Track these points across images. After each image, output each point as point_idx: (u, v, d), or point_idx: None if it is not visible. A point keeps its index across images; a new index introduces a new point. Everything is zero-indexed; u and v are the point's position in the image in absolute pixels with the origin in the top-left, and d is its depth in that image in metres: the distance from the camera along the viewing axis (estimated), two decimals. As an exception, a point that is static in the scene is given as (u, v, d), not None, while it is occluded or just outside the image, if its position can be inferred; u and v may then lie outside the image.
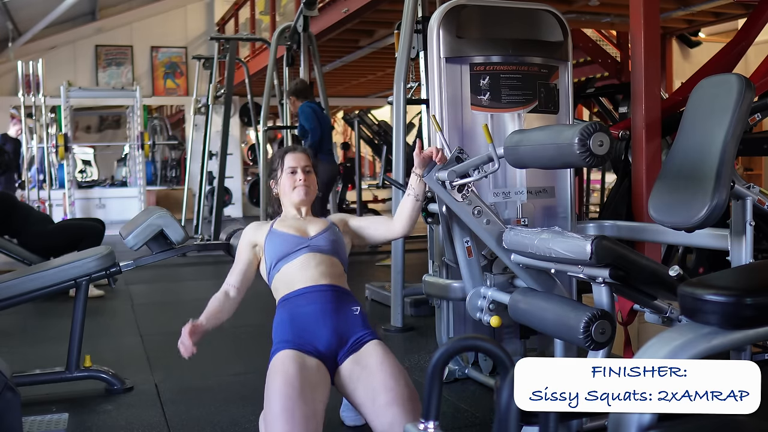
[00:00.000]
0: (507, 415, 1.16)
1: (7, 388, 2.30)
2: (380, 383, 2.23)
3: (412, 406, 2.19)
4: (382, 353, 2.32)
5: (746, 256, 2.54)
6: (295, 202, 2.63)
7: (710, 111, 2.41)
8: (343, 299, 2.44)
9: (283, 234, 2.54)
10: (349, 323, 2.39)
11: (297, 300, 2.42)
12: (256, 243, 2.58)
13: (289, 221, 2.62)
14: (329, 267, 2.49)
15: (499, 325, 2.69)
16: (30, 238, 5.45)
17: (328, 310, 2.38)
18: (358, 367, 2.30)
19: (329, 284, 2.44)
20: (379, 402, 2.20)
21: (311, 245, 2.51)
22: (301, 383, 2.18)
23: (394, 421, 2.15)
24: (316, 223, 2.62)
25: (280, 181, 2.66)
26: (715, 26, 8.42)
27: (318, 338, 2.34)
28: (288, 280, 2.47)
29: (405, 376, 2.28)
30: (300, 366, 2.24)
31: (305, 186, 2.62)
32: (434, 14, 3.04)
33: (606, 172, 6.93)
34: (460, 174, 2.50)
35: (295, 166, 2.62)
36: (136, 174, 12.19)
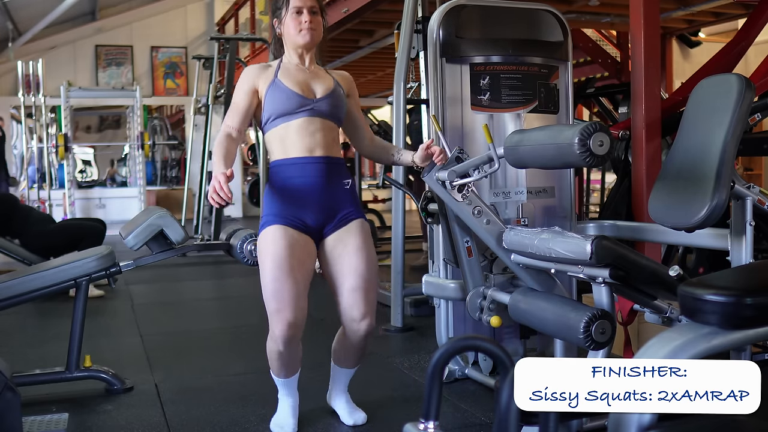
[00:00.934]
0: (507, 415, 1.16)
1: (7, 388, 2.30)
2: (353, 267, 2.49)
3: (372, 294, 2.54)
4: (363, 237, 2.53)
5: (746, 256, 2.54)
6: (299, 45, 2.51)
7: (710, 111, 2.41)
8: (335, 171, 2.50)
9: (288, 90, 2.46)
10: (339, 197, 2.50)
11: (289, 169, 2.46)
12: (257, 88, 2.50)
13: (293, 72, 2.51)
14: (326, 133, 2.49)
15: (499, 325, 2.69)
16: (30, 238, 5.45)
17: (320, 184, 2.46)
18: (340, 245, 2.51)
19: (323, 156, 2.47)
20: (347, 284, 2.50)
21: (314, 108, 2.47)
22: (290, 263, 2.39)
23: (354, 303, 2.50)
24: (321, 81, 2.53)
25: (284, 21, 2.51)
26: (715, 26, 8.41)
27: (307, 213, 2.46)
28: (282, 140, 2.47)
29: (375, 264, 2.56)
30: (288, 243, 2.41)
31: (311, 29, 2.48)
32: (434, 14, 3.04)
33: (606, 172, 6.93)
34: (460, 174, 2.50)
35: (301, 6, 2.48)
36: (136, 174, 12.18)
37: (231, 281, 6.30)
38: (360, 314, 2.51)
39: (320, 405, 2.84)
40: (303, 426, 2.66)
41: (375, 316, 2.57)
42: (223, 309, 5.24)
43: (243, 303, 5.14)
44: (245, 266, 3.14)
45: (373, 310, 2.55)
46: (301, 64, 2.55)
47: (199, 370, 3.51)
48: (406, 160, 2.63)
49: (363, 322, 2.52)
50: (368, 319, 2.53)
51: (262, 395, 3.01)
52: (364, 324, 2.53)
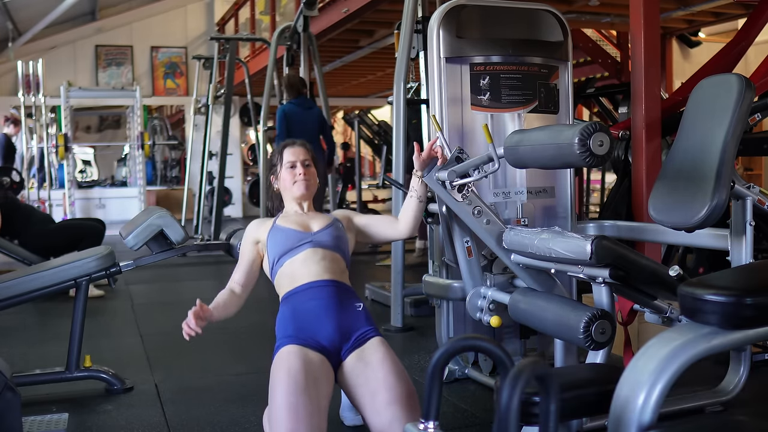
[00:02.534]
0: (507, 415, 1.16)
1: (7, 388, 2.30)
2: (381, 381, 2.22)
3: (411, 405, 2.18)
4: (384, 351, 2.31)
5: (746, 256, 2.55)
6: (295, 197, 2.62)
7: (710, 111, 2.41)
8: (345, 295, 2.43)
9: (286, 229, 2.53)
10: (353, 319, 2.39)
11: (300, 296, 2.41)
12: (259, 239, 2.58)
13: (291, 217, 2.61)
14: (332, 263, 2.48)
15: (499, 325, 2.69)
16: (31, 238, 5.45)
17: (332, 305, 2.37)
18: (360, 363, 2.29)
19: (332, 279, 2.43)
20: (379, 400, 2.19)
21: (314, 240, 2.51)
22: (305, 378, 2.17)
23: (393, 419, 2.14)
24: (319, 219, 2.61)
25: (280, 175, 2.64)
26: (715, 26, 8.42)
27: (321, 333, 2.33)
28: (291, 275, 2.46)
29: (405, 375, 2.28)
30: (304, 361, 2.23)
31: (305, 180, 2.60)
32: (434, 14, 3.04)
33: (606, 172, 6.94)
34: (460, 174, 2.50)
35: (294, 160, 2.61)
36: (136, 174, 12.18)
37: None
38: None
39: (320, 405, 2.84)
40: (303, 426, 2.65)
41: None
42: (223, 309, 5.23)
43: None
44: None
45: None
46: (300, 210, 2.64)
47: (199, 370, 3.51)
48: (415, 185, 2.59)
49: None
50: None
51: (262, 395, 3.00)
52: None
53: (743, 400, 2.73)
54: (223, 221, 8.64)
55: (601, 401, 1.60)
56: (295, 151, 2.63)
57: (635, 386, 1.45)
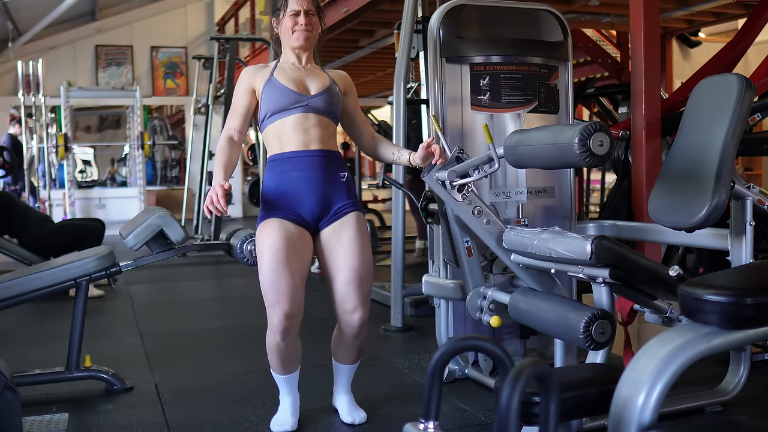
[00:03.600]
0: (507, 415, 1.16)
1: (7, 388, 2.30)
2: (347, 260, 2.51)
3: (366, 286, 2.55)
4: (357, 229, 2.54)
5: (746, 256, 2.55)
6: (294, 47, 2.57)
7: (710, 111, 2.41)
8: (331, 164, 2.52)
9: (282, 87, 2.51)
10: (335, 190, 2.53)
11: (286, 163, 2.50)
12: (255, 87, 2.56)
13: (288, 70, 2.56)
14: (322, 129, 2.52)
15: (499, 325, 2.69)
16: (30, 239, 5.44)
17: (316, 177, 2.49)
18: (334, 237, 2.53)
19: (319, 149, 2.50)
20: (341, 277, 2.52)
21: (309, 104, 2.51)
22: (287, 254, 2.43)
23: (347, 296, 2.52)
24: (317, 78, 2.57)
25: (281, 21, 2.56)
26: (715, 26, 8.41)
27: (303, 206, 2.50)
28: (279, 136, 2.51)
29: (369, 257, 2.56)
30: (285, 236, 2.45)
31: (306, 30, 2.53)
32: (434, 14, 3.04)
33: (606, 172, 6.94)
34: (460, 174, 2.50)
35: (298, 8, 2.52)
36: (136, 174, 12.18)
37: (231, 281, 6.29)
38: (353, 306, 2.53)
39: (321, 404, 2.84)
40: (303, 425, 2.66)
41: (368, 308, 2.59)
42: (223, 309, 5.23)
43: (243, 303, 5.14)
44: (245, 266, 3.14)
45: (366, 302, 2.57)
46: (298, 63, 2.60)
47: (199, 370, 3.51)
48: (403, 159, 2.63)
49: (356, 313, 2.54)
50: (361, 311, 2.55)
51: (262, 395, 3.01)
52: (357, 315, 2.55)
53: (743, 400, 2.73)
54: (223, 221, 8.63)
55: (601, 401, 1.60)
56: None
57: (635, 386, 1.45)
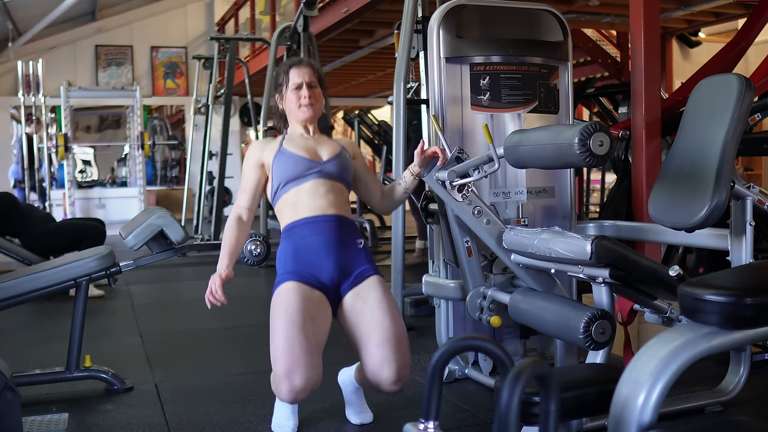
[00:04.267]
0: (507, 415, 1.16)
1: (7, 388, 2.30)
2: (376, 322, 2.34)
3: (402, 347, 2.34)
4: (382, 291, 2.42)
5: (746, 256, 2.55)
6: (300, 120, 2.58)
7: (710, 111, 2.41)
8: (347, 231, 2.47)
9: (294, 156, 2.50)
10: (353, 256, 2.45)
11: (302, 229, 2.44)
12: (264, 162, 2.54)
13: (297, 140, 2.57)
14: (337, 195, 2.49)
15: (499, 325, 2.69)
16: (31, 238, 5.44)
17: (333, 241, 2.42)
18: (359, 302, 2.39)
19: (335, 214, 2.46)
20: (373, 340, 2.33)
21: (322, 170, 2.49)
22: (303, 318, 2.28)
23: (383, 359, 2.30)
24: (326, 145, 2.58)
25: (285, 96, 2.59)
26: (715, 26, 8.42)
27: (321, 270, 2.40)
28: (294, 204, 2.47)
29: (399, 318, 2.40)
30: (302, 298, 2.32)
31: (310, 104, 2.55)
32: (434, 14, 3.04)
33: (606, 172, 6.94)
34: (460, 174, 2.50)
35: (300, 81, 2.55)
36: (136, 174, 12.18)
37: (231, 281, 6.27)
38: (391, 373, 2.30)
39: (320, 405, 2.84)
40: (304, 426, 2.65)
41: (409, 369, 2.37)
42: (223, 309, 5.20)
43: (243, 303, 5.13)
44: (245, 266, 3.14)
45: (406, 367, 2.34)
46: (306, 134, 2.61)
47: (199, 370, 3.51)
48: (409, 179, 2.61)
49: (394, 383, 2.32)
50: (400, 378, 2.32)
51: (262, 395, 3.01)
52: (396, 386, 2.32)
53: (743, 400, 2.73)
54: (223, 221, 8.62)
55: (601, 401, 1.60)
56: (301, 72, 2.57)
57: (635, 386, 1.45)
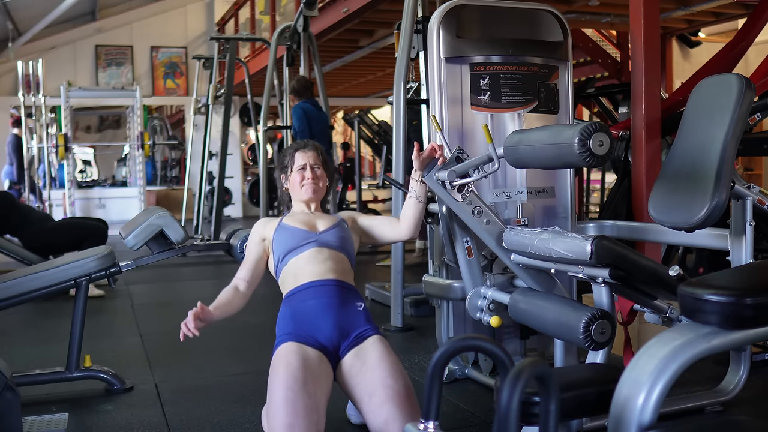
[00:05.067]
0: (507, 415, 1.16)
1: (7, 388, 2.30)
2: (378, 380, 2.24)
3: (409, 405, 2.18)
4: (382, 349, 2.33)
5: (746, 256, 2.55)
6: (303, 199, 2.67)
7: (710, 111, 2.41)
8: (347, 295, 2.45)
9: (292, 228, 2.56)
10: (352, 318, 2.41)
11: (302, 294, 2.43)
12: (265, 237, 2.61)
13: (298, 216, 2.64)
14: (336, 263, 2.50)
15: (499, 325, 2.69)
16: (31, 237, 5.44)
17: (332, 304, 2.39)
18: (358, 362, 2.31)
19: (335, 279, 2.45)
20: (376, 399, 2.20)
21: (319, 240, 2.53)
22: (304, 375, 2.20)
23: (388, 418, 2.15)
24: (325, 219, 2.64)
25: (290, 177, 2.68)
26: (715, 26, 8.42)
27: (320, 331, 2.36)
28: (295, 273, 2.48)
29: (404, 374, 2.29)
30: (302, 358, 2.26)
31: (314, 184, 2.64)
32: (434, 14, 3.04)
33: (606, 172, 6.94)
34: (460, 174, 2.50)
35: (305, 164, 2.65)
36: (136, 174, 12.18)
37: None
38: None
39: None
40: (303, 426, 2.65)
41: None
42: (223, 309, 5.23)
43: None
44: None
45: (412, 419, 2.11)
46: (307, 210, 2.68)
47: (199, 370, 3.51)
48: (414, 186, 2.60)
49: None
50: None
51: (262, 395, 3.00)
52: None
53: (743, 400, 2.73)
54: (223, 221, 8.63)
55: (601, 401, 1.60)
56: (306, 155, 2.67)
57: (635, 386, 1.45)
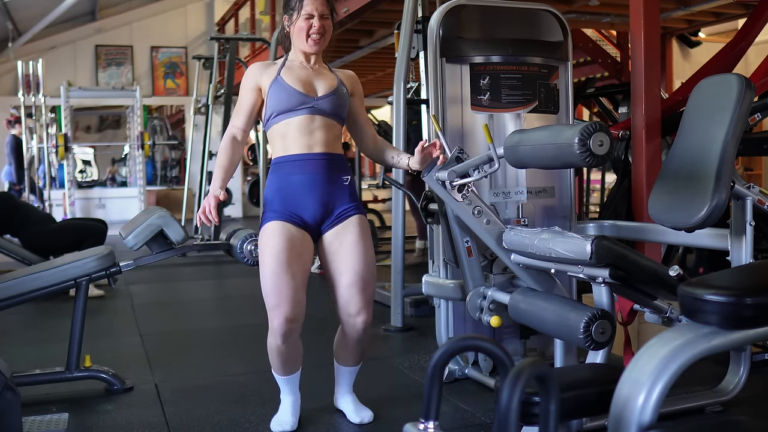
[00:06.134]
0: (507, 415, 1.16)
1: (7, 388, 2.30)
2: (349, 263, 2.52)
3: (369, 289, 2.56)
4: (360, 232, 2.55)
5: (746, 256, 2.55)
6: (305, 51, 2.57)
7: (710, 111, 2.41)
8: (334, 168, 2.54)
9: (289, 88, 2.51)
10: (337, 194, 2.54)
11: (289, 166, 2.51)
12: (261, 86, 2.56)
13: (296, 70, 2.56)
14: (327, 131, 2.53)
15: (499, 325, 2.69)
16: (32, 238, 5.44)
17: (318, 180, 2.50)
18: (336, 241, 2.54)
19: (323, 152, 2.51)
20: (344, 280, 2.53)
21: (315, 106, 2.52)
22: (288, 257, 2.44)
23: (350, 299, 2.53)
24: (325, 79, 2.58)
25: (294, 22, 2.54)
26: (715, 26, 8.41)
27: (305, 208, 2.51)
28: (284, 137, 2.52)
29: (371, 260, 2.57)
30: (287, 238, 2.46)
31: (319, 34, 2.52)
32: (434, 14, 3.04)
33: (606, 172, 6.93)
34: (460, 174, 2.50)
35: (313, 12, 2.50)
36: (136, 174, 12.18)
37: (231, 281, 6.29)
38: (356, 309, 2.55)
39: (322, 404, 2.84)
40: (305, 425, 2.66)
41: (371, 311, 2.61)
42: (223, 309, 5.24)
43: (243, 303, 5.14)
44: (245, 266, 3.15)
45: (369, 305, 2.59)
46: (306, 63, 2.60)
47: (199, 370, 3.51)
48: (402, 164, 2.62)
49: (359, 317, 2.56)
50: (364, 314, 2.57)
51: (262, 395, 3.01)
52: (360, 319, 2.56)
53: (743, 400, 2.73)
54: (223, 221, 8.63)
55: (601, 401, 1.60)
56: (315, 3, 2.51)
57: (635, 386, 1.45)
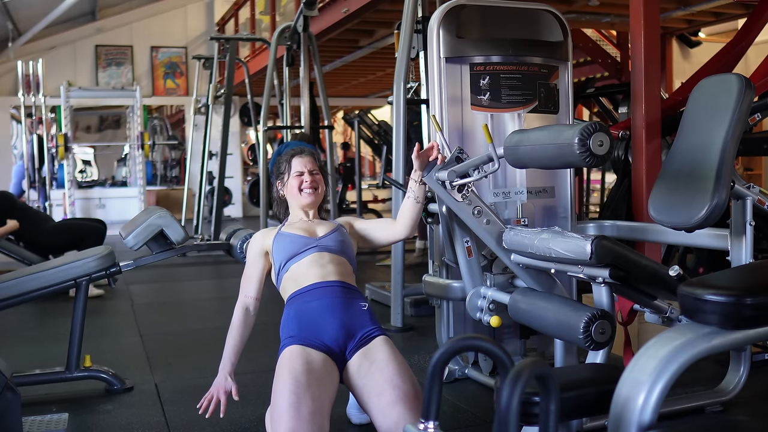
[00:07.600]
0: (507, 415, 1.16)
1: (7, 388, 2.30)
2: (387, 381, 2.22)
3: (418, 405, 2.17)
4: (390, 350, 2.32)
5: (746, 256, 2.55)
6: (302, 205, 2.65)
7: (710, 111, 2.41)
8: (350, 295, 2.44)
9: (291, 235, 2.56)
10: (357, 318, 2.39)
11: (305, 296, 2.43)
12: (266, 249, 2.60)
13: (296, 224, 2.64)
14: (338, 265, 2.50)
15: (499, 325, 2.69)
16: (31, 237, 5.44)
17: (336, 304, 2.39)
18: (366, 362, 2.29)
19: (338, 280, 2.45)
20: (385, 400, 2.19)
21: (319, 245, 2.53)
22: (308, 379, 2.18)
23: (398, 420, 2.14)
24: (323, 225, 2.64)
25: (287, 183, 2.67)
26: (715, 26, 8.41)
27: (325, 332, 2.34)
28: (296, 278, 2.47)
29: (411, 374, 2.29)
30: (307, 361, 2.25)
31: (312, 188, 2.64)
32: (434, 14, 3.04)
33: (606, 172, 6.94)
34: (460, 174, 2.50)
35: (302, 170, 2.64)
36: (136, 174, 12.18)
37: (231, 281, 6.29)
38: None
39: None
40: (303, 426, 2.65)
41: None
42: (223, 309, 5.22)
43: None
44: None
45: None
46: (305, 218, 2.67)
47: (199, 370, 3.51)
48: (413, 185, 2.59)
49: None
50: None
51: (262, 395, 3.01)
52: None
53: (743, 400, 2.73)
54: (223, 221, 8.63)
55: (601, 401, 1.60)
56: (303, 161, 2.66)
57: (635, 386, 1.45)
